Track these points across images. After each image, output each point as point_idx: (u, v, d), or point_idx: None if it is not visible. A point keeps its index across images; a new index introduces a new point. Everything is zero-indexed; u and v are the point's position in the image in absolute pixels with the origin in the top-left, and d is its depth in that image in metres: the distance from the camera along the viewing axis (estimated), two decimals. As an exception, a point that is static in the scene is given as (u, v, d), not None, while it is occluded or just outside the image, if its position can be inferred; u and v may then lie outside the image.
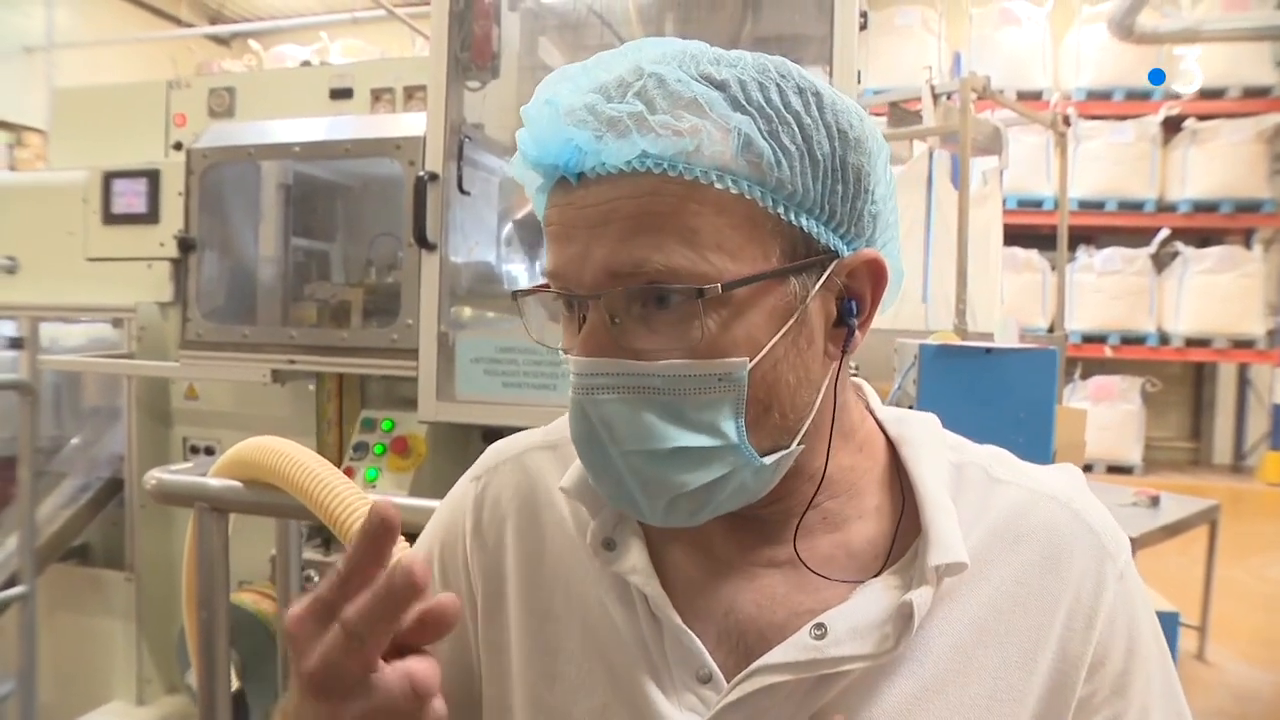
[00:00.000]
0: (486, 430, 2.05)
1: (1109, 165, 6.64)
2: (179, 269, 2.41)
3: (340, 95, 2.52)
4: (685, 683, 0.65)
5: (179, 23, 8.69)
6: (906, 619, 0.61)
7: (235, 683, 1.75)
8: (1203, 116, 6.63)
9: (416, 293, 1.96)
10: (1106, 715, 0.64)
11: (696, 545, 0.69)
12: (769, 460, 0.62)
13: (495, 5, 1.99)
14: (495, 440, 0.83)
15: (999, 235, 4.06)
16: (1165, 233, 6.51)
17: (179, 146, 2.63)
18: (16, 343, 2.65)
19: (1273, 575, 4.83)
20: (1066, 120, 4.27)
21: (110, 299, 2.53)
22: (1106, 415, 6.49)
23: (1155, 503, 3.61)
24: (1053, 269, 6.33)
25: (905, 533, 0.66)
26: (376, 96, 2.49)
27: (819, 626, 0.62)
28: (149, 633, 2.55)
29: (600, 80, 0.60)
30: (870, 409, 0.73)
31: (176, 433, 2.60)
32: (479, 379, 1.91)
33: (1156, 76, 6.49)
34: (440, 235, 1.93)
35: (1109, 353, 6.78)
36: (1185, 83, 6.55)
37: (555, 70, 0.63)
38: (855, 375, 0.76)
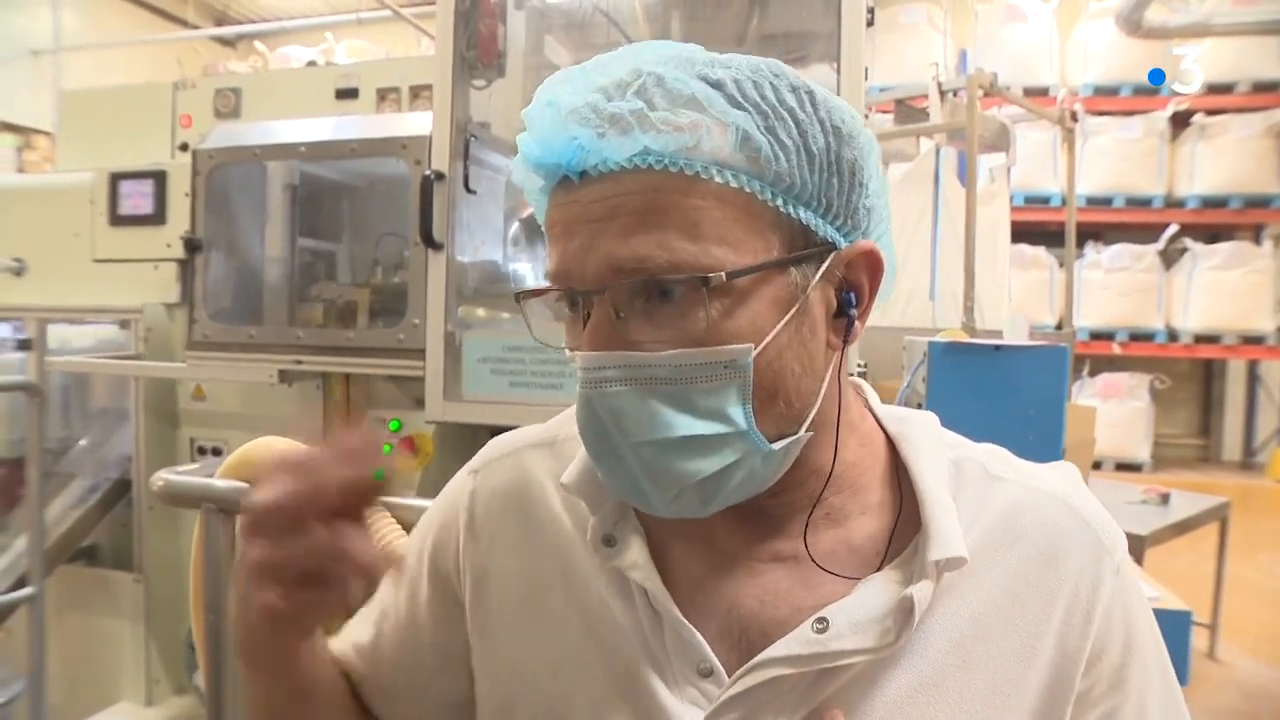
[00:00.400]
0: (494, 430, 2.03)
1: (1117, 161, 6.61)
2: (185, 270, 2.41)
3: (346, 95, 2.52)
4: (686, 676, 0.65)
5: (185, 25, 8.71)
6: (907, 613, 0.62)
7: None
8: (1211, 111, 6.60)
9: (423, 292, 1.95)
10: (1105, 709, 0.65)
11: (699, 540, 0.69)
12: (778, 446, 0.62)
13: (501, 4, 1.99)
14: (502, 439, 0.83)
15: (1006, 232, 4.05)
16: (1174, 229, 6.48)
17: (185, 147, 2.63)
18: (24, 344, 2.66)
19: (1283, 572, 4.82)
20: (1074, 116, 4.25)
21: (117, 300, 2.52)
22: (1115, 412, 6.48)
23: (1165, 500, 3.60)
24: (1060, 266, 6.30)
25: (905, 528, 0.67)
26: (382, 96, 2.48)
27: (821, 620, 0.63)
28: (157, 634, 2.55)
29: (599, 82, 0.61)
30: (869, 406, 0.74)
31: (184, 434, 2.60)
32: (486, 378, 1.91)
33: (1156, 76, 6.46)
34: (447, 234, 1.93)
35: (1117, 350, 6.75)
36: (1186, 82, 6.53)
37: (556, 72, 0.64)
38: (860, 372, 0.76)
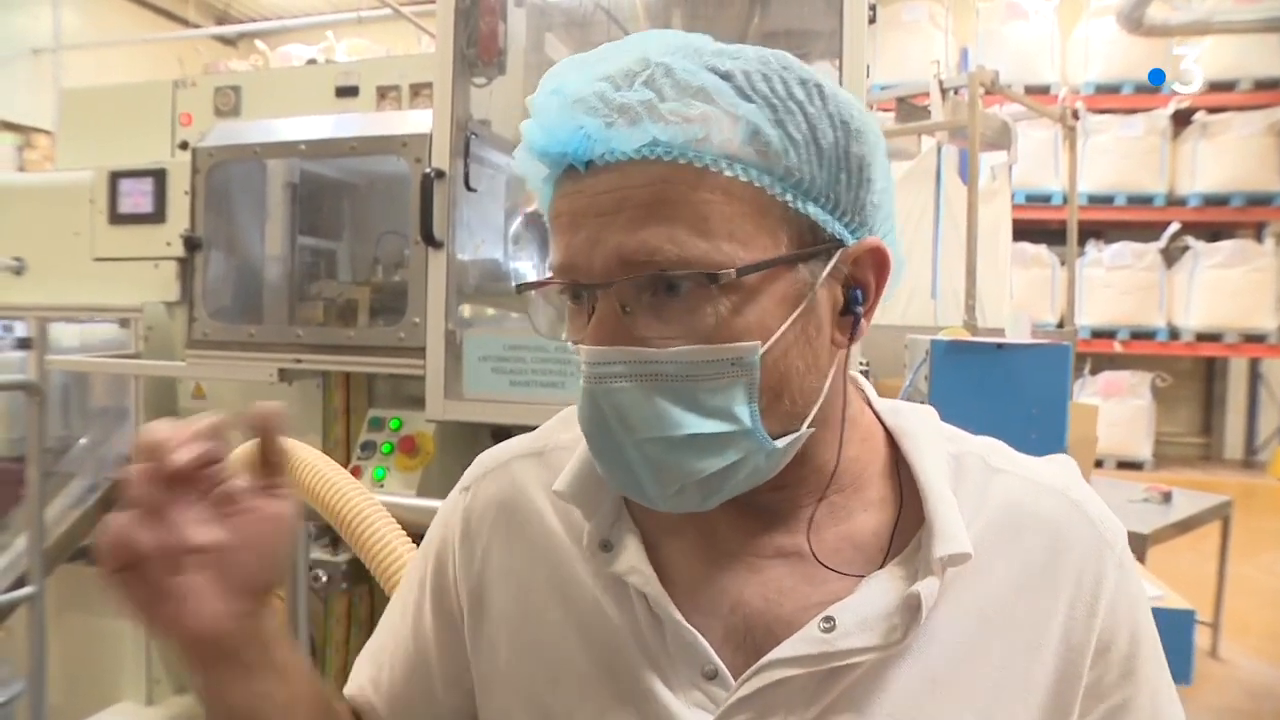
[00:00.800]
0: (495, 429, 2.04)
1: (1118, 159, 6.60)
2: (185, 268, 2.40)
3: (346, 93, 2.52)
4: (691, 679, 0.64)
5: (185, 23, 8.72)
6: (914, 610, 0.61)
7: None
8: (1213, 109, 6.59)
9: (423, 291, 1.95)
10: (1118, 699, 0.65)
11: (698, 536, 0.69)
12: (781, 443, 0.62)
13: (501, 2, 1.98)
14: (504, 439, 0.83)
15: (1008, 230, 4.05)
16: (1175, 227, 6.48)
17: (185, 146, 2.63)
18: (24, 343, 2.65)
19: (1286, 571, 4.81)
20: (1075, 114, 4.24)
21: (117, 299, 2.52)
22: (1116, 411, 6.47)
23: (1167, 499, 3.60)
24: (1062, 264, 6.30)
25: (907, 524, 0.67)
26: (382, 94, 2.48)
27: (827, 619, 0.62)
28: (158, 633, 2.55)
29: (606, 71, 0.59)
30: (867, 401, 0.73)
31: (184, 433, 2.60)
32: (487, 377, 1.91)
33: (1156, 76, 6.46)
34: (447, 233, 1.92)
35: (1119, 348, 6.74)
36: (1186, 82, 6.51)
37: (560, 62, 0.63)
38: (863, 372, 0.76)
